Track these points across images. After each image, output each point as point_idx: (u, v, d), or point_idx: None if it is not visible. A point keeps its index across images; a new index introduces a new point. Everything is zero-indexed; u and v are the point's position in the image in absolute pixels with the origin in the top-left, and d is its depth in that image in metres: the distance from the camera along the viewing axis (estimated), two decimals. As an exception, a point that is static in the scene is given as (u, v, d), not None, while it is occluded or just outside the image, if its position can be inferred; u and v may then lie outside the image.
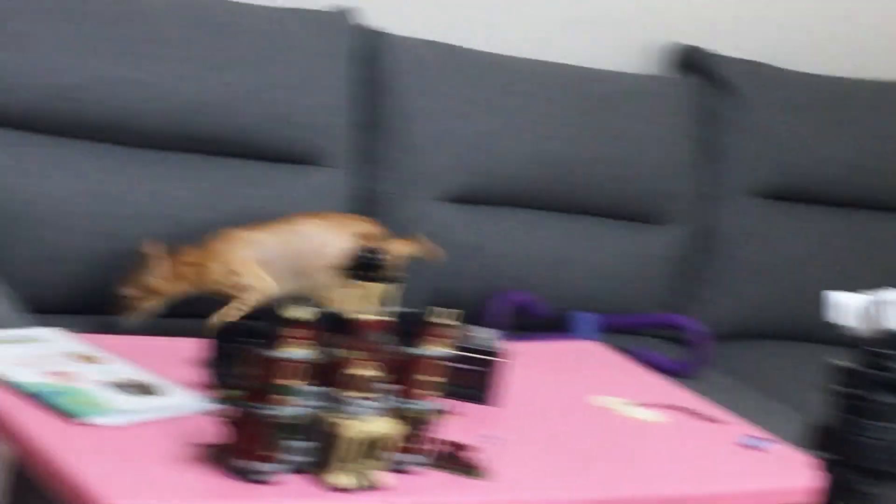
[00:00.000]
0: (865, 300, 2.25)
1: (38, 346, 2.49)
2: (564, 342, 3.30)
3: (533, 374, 2.93)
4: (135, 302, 3.09)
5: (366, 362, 2.26)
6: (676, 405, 2.93)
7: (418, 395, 2.33)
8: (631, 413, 2.82)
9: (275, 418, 2.19)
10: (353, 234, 3.19)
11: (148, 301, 3.10)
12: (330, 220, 3.30)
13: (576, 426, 2.72)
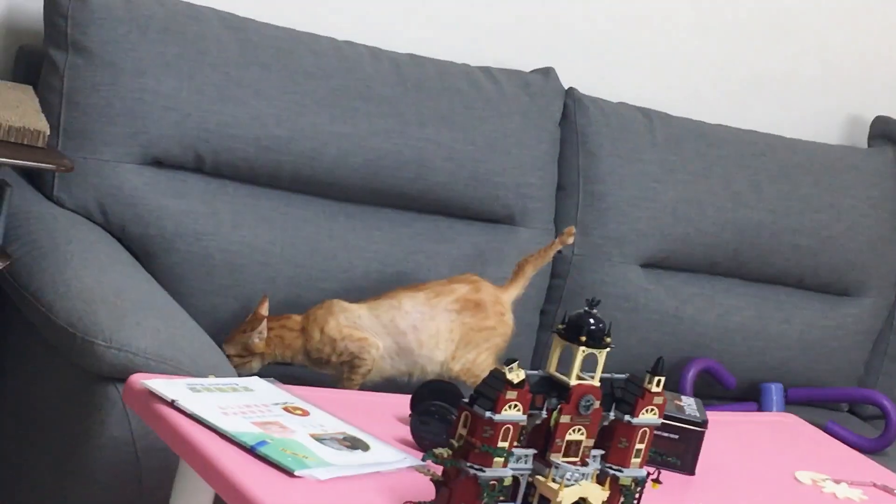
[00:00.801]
0: None
1: (247, 394, 2.51)
2: (758, 413, 3.25)
3: (731, 444, 2.92)
4: (236, 360, 3.07)
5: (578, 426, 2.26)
6: (879, 483, 2.89)
7: (627, 461, 2.33)
8: (832, 489, 2.79)
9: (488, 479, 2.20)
10: (454, 300, 3.17)
11: (249, 362, 3.09)
12: (431, 288, 3.20)
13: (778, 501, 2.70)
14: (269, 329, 3.09)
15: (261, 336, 3.08)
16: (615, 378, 2.35)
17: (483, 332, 3.17)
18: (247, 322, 3.11)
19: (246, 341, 3.09)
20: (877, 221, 3.95)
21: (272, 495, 2.19)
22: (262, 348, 3.08)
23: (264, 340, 3.08)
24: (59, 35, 3.13)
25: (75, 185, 3.12)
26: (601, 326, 2.24)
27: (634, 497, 2.34)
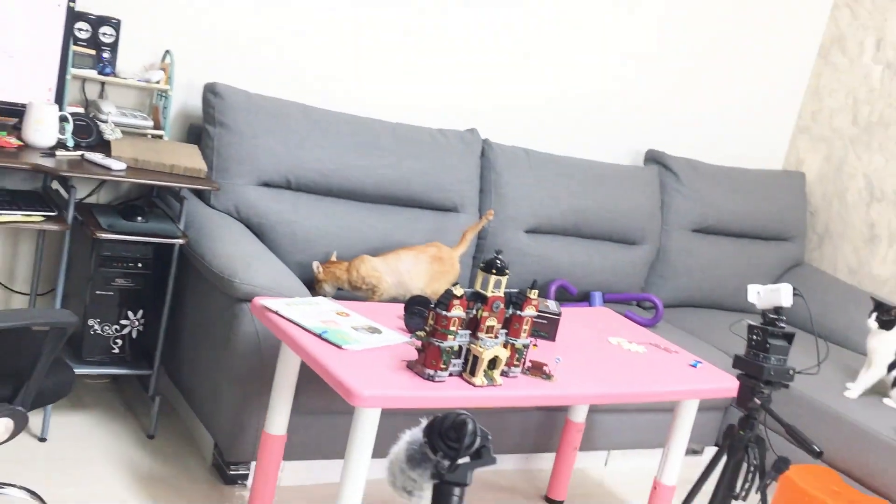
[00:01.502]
0: (766, 287, 2.21)
1: (316, 307, 2.50)
2: (589, 308, 3.25)
3: (575, 325, 2.92)
4: (319, 287, 3.05)
5: (492, 317, 2.26)
6: (652, 342, 2.90)
7: (518, 334, 2.34)
8: (628, 347, 2.80)
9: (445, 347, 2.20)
10: (428, 256, 3.14)
11: (324, 288, 3.05)
12: (414, 250, 3.15)
13: (599, 353, 2.70)
14: (332, 268, 3.05)
15: (326, 275, 3.05)
16: (512, 291, 2.35)
17: (443, 274, 3.16)
18: (325, 267, 3.07)
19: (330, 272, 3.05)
20: (647, 205, 3.94)
21: (331, 358, 2.19)
22: (329, 278, 3.05)
23: (329, 277, 3.05)
24: (211, 117, 3.10)
25: (221, 198, 3.09)
26: (503, 264, 2.24)
27: (524, 353, 2.35)
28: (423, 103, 3.67)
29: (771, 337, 2.09)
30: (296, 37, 3.37)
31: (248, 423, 2.64)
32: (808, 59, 4.54)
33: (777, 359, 2.09)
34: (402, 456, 0.96)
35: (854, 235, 4.32)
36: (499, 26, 3.73)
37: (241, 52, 3.29)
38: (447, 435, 0.90)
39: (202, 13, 3.20)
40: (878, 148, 4.26)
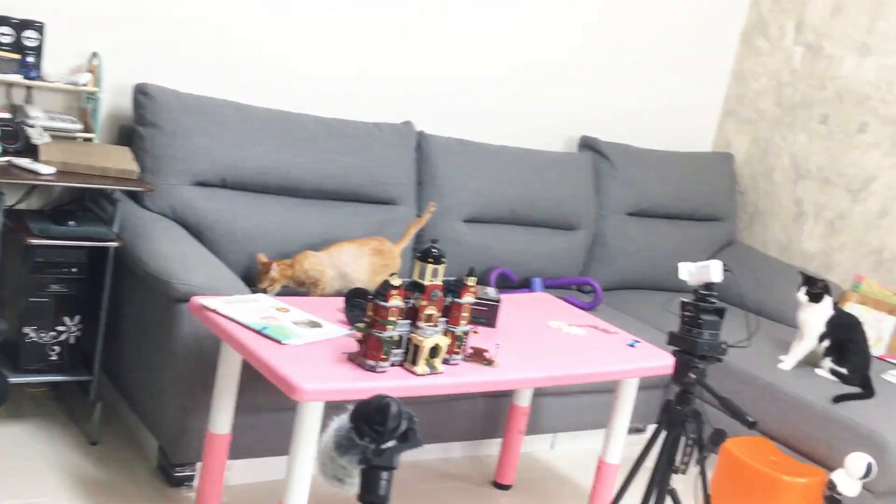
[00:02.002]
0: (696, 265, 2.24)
1: (255, 303, 2.47)
2: (529, 293, 3.26)
3: (515, 310, 2.93)
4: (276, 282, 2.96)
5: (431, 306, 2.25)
6: (591, 325, 2.92)
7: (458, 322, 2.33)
8: (568, 330, 2.81)
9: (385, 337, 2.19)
10: (369, 249, 3.12)
11: (270, 285, 2.95)
12: (356, 243, 3.13)
13: (540, 337, 2.71)
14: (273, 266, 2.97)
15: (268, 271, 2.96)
16: (450, 280, 2.34)
17: (385, 267, 3.14)
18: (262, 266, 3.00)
19: (285, 270, 2.97)
20: (582, 191, 3.96)
21: (271, 354, 2.17)
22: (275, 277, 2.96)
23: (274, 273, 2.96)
24: (142, 118, 3.03)
25: (156, 199, 3.03)
26: (439, 252, 2.23)
27: (464, 340, 2.34)
28: (358, 97, 3.64)
29: (703, 313, 2.12)
30: (224, 34, 3.32)
31: (192, 424, 2.60)
32: (732, 44, 4.61)
33: (710, 334, 2.11)
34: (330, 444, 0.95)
35: (782, 213, 4.40)
36: (428, 17, 3.71)
37: (171, 51, 3.23)
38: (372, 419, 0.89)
39: (129, 14, 3.13)
40: (801, 127, 4.34)
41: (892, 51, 3.99)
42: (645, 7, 4.24)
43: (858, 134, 4.11)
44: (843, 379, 3.32)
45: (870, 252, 4.05)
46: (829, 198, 4.21)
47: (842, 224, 4.16)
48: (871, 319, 3.79)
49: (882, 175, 4.02)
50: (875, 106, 4.05)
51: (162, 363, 2.65)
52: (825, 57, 4.25)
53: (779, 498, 3.01)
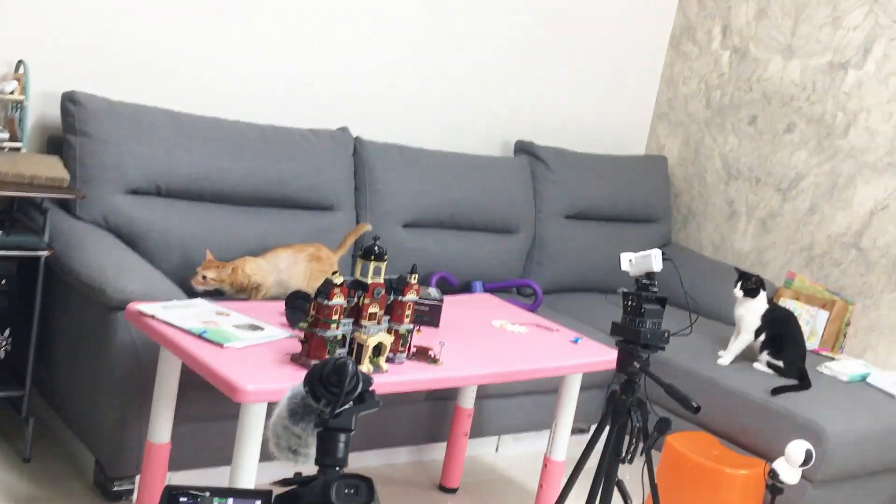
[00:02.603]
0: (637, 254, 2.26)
1: (194, 308, 2.42)
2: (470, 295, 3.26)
3: (458, 311, 2.92)
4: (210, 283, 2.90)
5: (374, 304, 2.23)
6: (533, 323, 2.93)
7: (401, 320, 2.31)
8: (511, 328, 2.81)
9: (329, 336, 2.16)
10: (306, 255, 3.08)
11: (202, 283, 2.89)
12: (293, 248, 3.09)
13: (483, 336, 2.71)
14: (216, 268, 2.91)
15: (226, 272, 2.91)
16: (392, 278, 2.33)
17: (322, 273, 3.10)
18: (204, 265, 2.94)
19: (221, 273, 2.91)
20: (520, 194, 3.97)
21: (212, 357, 2.13)
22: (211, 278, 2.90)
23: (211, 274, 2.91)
24: (71, 126, 2.96)
25: (88, 208, 2.95)
26: (381, 250, 2.22)
27: (408, 338, 2.32)
28: (292, 104, 3.61)
29: (645, 302, 2.14)
30: (156, 41, 3.26)
31: (130, 435, 2.53)
32: (661, 49, 4.69)
33: (652, 322, 2.13)
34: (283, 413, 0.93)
35: (715, 213, 4.48)
36: (361, 23, 3.70)
37: (100, 60, 3.17)
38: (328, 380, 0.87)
39: (56, 21, 3.06)
40: (731, 129, 4.43)
41: (815, 52, 4.10)
42: (576, 13, 4.29)
43: (786, 134, 4.21)
44: (780, 372, 3.38)
45: (801, 249, 4.14)
46: (760, 197, 4.30)
47: (773, 222, 4.25)
48: (804, 314, 3.87)
49: (810, 173, 4.12)
50: (801, 106, 4.16)
51: (97, 374, 2.58)
52: (751, 60, 4.35)
53: (722, 490, 3.04)
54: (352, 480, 0.80)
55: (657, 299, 2.17)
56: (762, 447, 3.18)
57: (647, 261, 2.17)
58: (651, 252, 2.16)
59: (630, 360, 2.13)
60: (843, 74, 4.01)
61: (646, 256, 2.17)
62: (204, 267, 2.92)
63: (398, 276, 2.30)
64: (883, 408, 3.28)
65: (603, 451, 2.21)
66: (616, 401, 2.17)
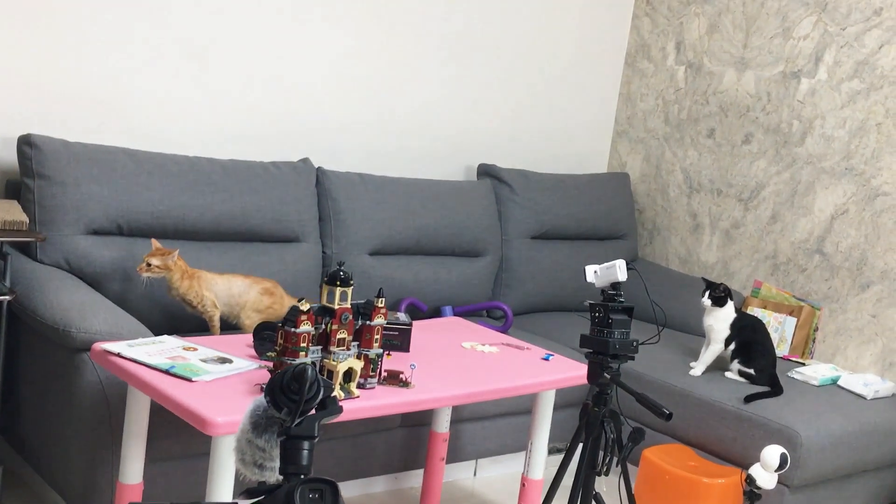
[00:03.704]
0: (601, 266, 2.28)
1: (160, 345, 2.41)
2: (441, 319, 3.26)
3: (428, 335, 2.93)
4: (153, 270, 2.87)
5: (342, 330, 2.24)
6: (504, 343, 2.94)
7: (371, 345, 2.32)
8: (481, 349, 2.82)
9: (297, 364, 2.16)
10: (261, 288, 3.05)
11: (147, 270, 2.86)
12: (250, 279, 3.06)
13: (454, 357, 2.71)
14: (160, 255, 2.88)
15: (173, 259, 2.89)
16: (359, 303, 2.33)
17: (272, 310, 3.05)
18: (153, 252, 2.90)
19: (166, 260, 2.88)
20: (485, 217, 3.99)
21: (180, 392, 2.11)
22: (172, 267, 2.89)
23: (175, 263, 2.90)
24: (28, 169, 2.95)
25: (48, 250, 2.94)
26: (346, 275, 2.22)
27: (378, 363, 2.32)
28: (252, 137, 3.62)
29: (612, 312, 2.16)
30: (111, 80, 3.27)
31: (101, 477, 2.51)
32: (617, 67, 4.76)
33: (620, 332, 2.15)
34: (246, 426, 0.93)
35: (679, 227, 4.54)
36: (318, 55, 3.73)
37: (54, 101, 3.16)
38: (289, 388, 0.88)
39: (8, 64, 3.06)
40: (690, 143, 4.50)
41: (767, 63, 4.19)
42: (533, 37, 4.35)
43: (744, 145, 4.28)
44: (752, 379, 3.41)
45: (765, 257, 4.20)
46: (723, 208, 4.36)
47: (737, 233, 4.31)
48: (772, 322, 3.92)
49: (769, 182, 4.19)
50: (757, 116, 4.24)
51: (65, 417, 2.55)
52: (706, 73, 4.43)
53: (701, 500, 3.06)
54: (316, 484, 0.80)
55: (624, 309, 2.19)
56: (738, 456, 3.21)
57: (612, 271, 2.20)
58: (616, 262, 2.19)
59: (600, 371, 2.15)
60: (796, 83, 4.10)
61: (610, 267, 2.20)
62: (149, 255, 2.90)
63: (365, 301, 2.31)
64: (855, 410, 3.31)
65: (578, 464, 2.21)
66: (589, 413, 2.18)
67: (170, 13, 3.34)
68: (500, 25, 4.23)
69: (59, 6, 3.12)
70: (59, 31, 3.13)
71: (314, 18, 3.69)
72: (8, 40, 3.05)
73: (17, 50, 3.07)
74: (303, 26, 3.66)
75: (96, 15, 3.19)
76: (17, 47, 3.07)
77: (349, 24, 3.78)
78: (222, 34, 3.47)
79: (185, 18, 3.38)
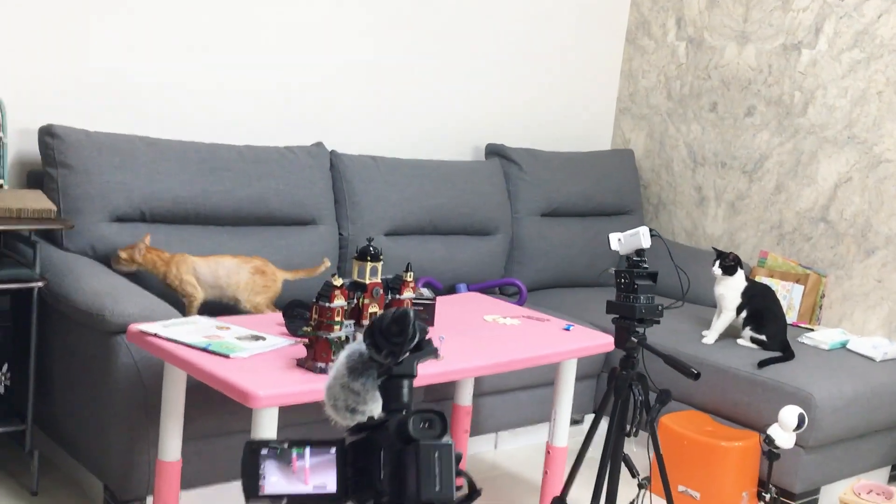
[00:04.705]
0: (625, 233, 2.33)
1: (195, 325, 2.46)
2: (459, 294, 3.31)
3: (450, 309, 2.98)
4: (123, 263, 2.93)
5: (373, 304, 2.29)
6: (524, 315, 3.00)
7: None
8: (503, 321, 2.88)
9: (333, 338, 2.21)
10: (251, 267, 3.05)
11: (128, 266, 2.93)
12: (239, 258, 3.03)
13: (479, 330, 2.77)
14: (149, 252, 2.94)
15: (140, 252, 2.93)
16: (387, 277, 2.39)
17: (265, 288, 3.06)
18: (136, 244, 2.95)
19: (132, 253, 2.93)
20: (495, 196, 4.04)
21: (220, 367, 2.16)
22: (140, 261, 2.93)
23: (143, 256, 2.93)
24: (51, 159, 2.99)
25: (74, 238, 2.99)
26: (376, 250, 2.28)
27: (409, 335, 2.38)
28: (266, 123, 3.66)
29: (637, 278, 2.22)
30: (126, 70, 3.30)
31: (139, 457, 2.56)
32: (618, 45, 4.81)
33: (646, 297, 2.21)
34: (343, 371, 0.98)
35: (685, 201, 4.60)
36: (328, 43, 3.77)
37: (71, 92, 3.20)
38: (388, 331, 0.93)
39: (29, 58, 3.09)
40: (693, 118, 4.55)
41: (768, 36, 4.24)
42: (533, 15, 4.39)
43: (747, 117, 4.34)
44: (764, 345, 3.47)
45: (771, 227, 4.27)
46: (727, 181, 4.42)
47: (742, 204, 4.37)
48: (780, 290, 3.99)
49: (773, 153, 4.24)
50: (759, 89, 4.29)
51: (100, 399, 2.60)
52: (707, 48, 4.48)
53: (719, 464, 3.13)
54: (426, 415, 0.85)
55: (648, 275, 2.25)
56: (753, 419, 3.27)
57: (635, 238, 2.25)
58: (639, 229, 2.24)
59: (628, 335, 2.21)
60: (797, 55, 4.15)
61: (634, 234, 2.25)
62: (121, 249, 2.93)
63: (394, 276, 2.36)
64: (866, 371, 3.38)
65: (608, 426, 2.27)
66: (617, 377, 2.24)
67: (184, 4, 3.38)
68: (502, 7, 4.27)
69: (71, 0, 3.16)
70: (74, 24, 3.16)
71: (324, 3, 3.72)
72: (24, 33, 3.08)
73: (33, 42, 3.10)
74: (313, 12, 3.70)
75: (110, 6, 3.23)
76: (34, 40, 3.10)
77: (358, 9, 3.82)
78: (235, 22, 3.51)
79: (199, 8, 3.41)
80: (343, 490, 0.85)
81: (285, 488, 0.84)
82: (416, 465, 0.82)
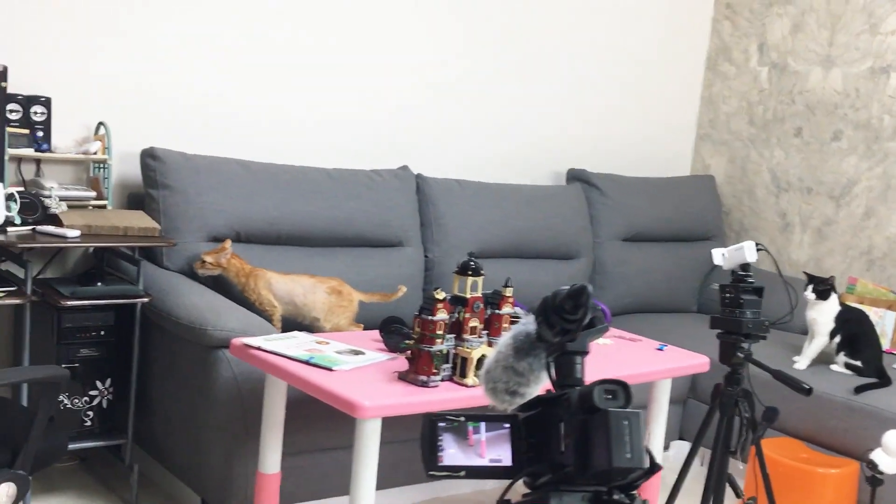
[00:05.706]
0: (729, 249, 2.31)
1: (295, 339, 2.49)
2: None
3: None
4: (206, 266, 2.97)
5: (474, 318, 2.29)
6: (616, 336, 2.97)
7: (499, 333, 2.37)
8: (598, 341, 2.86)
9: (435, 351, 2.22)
10: (327, 287, 3.08)
11: (212, 270, 2.98)
12: (315, 278, 3.08)
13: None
14: (234, 258, 2.99)
15: (225, 257, 2.98)
16: (487, 293, 2.39)
17: (342, 308, 3.08)
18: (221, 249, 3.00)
19: (218, 258, 2.97)
20: (578, 221, 4.04)
21: (324, 379, 2.19)
22: (225, 265, 2.98)
23: (228, 261, 2.98)
24: (153, 181, 3.07)
25: (174, 257, 3.06)
26: (477, 265, 2.28)
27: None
28: (353, 146, 3.72)
29: (743, 293, 2.19)
30: (222, 96, 3.39)
31: (238, 471, 2.59)
32: (698, 71, 4.78)
33: (752, 312, 2.18)
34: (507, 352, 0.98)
35: (768, 227, 4.53)
36: (414, 71, 3.83)
37: (170, 117, 3.29)
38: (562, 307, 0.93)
39: (131, 85, 3.20)
40: (776, 143, 4.50)
41: (854, 60, 4.18)
42: (612, 43, 4.40)
43: (833, 142, 4.27)
44: (859, 371, 3.39)
45: (860, 254, 4.18)
46: (814, 206, 4.35)
47: (829, 230, 4.29)
48: (872, 316, 3.89)
49: (862, 178, 4.17)
50: (846, 113, 4.23)
51: (200, 413, 2.64)
52: (791, 73, 4.44)
53: (815, 490, 3.05)
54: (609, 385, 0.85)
55: (754, 289, 2.22)
56: (850, 446, 3.19)
57: (740, 253, 2.23)
58: (744, 244, 2.22)
59: (733, 351, 2.17)
60: (885, 79, 4.09)
61: (739, 249, 2.23)
62: (206, 252, 2.99)
63: (493, 291, 2.36)
64: (967, 398, 3.27)
65: (713, 444, 2.24)
66: (722, 394, 2.21)
67: (278, 35, 3.46)
68: (584, 35, 4.29)
69: (171, 31, 3.25)
70: (174, 53, 3.26)
71: (406, 31, 3.78)
72: (128, 63, 3.18)
73: (135, 70, 3.20)
74: (399, 41, 3.76)
75: (208, 38, 3.32)
76: (137, 68, 3.20)
77: (443, 37, 3.87)
78: (326, 51, 3.58)
79: (291, 39, 3.50)
80: (519, 464, 0.85)
81: (463, 461, 0.85)
82: (607, 433, 0.82)
